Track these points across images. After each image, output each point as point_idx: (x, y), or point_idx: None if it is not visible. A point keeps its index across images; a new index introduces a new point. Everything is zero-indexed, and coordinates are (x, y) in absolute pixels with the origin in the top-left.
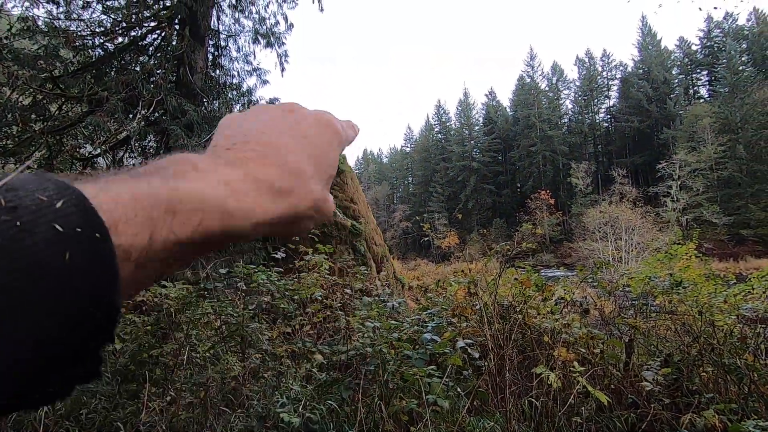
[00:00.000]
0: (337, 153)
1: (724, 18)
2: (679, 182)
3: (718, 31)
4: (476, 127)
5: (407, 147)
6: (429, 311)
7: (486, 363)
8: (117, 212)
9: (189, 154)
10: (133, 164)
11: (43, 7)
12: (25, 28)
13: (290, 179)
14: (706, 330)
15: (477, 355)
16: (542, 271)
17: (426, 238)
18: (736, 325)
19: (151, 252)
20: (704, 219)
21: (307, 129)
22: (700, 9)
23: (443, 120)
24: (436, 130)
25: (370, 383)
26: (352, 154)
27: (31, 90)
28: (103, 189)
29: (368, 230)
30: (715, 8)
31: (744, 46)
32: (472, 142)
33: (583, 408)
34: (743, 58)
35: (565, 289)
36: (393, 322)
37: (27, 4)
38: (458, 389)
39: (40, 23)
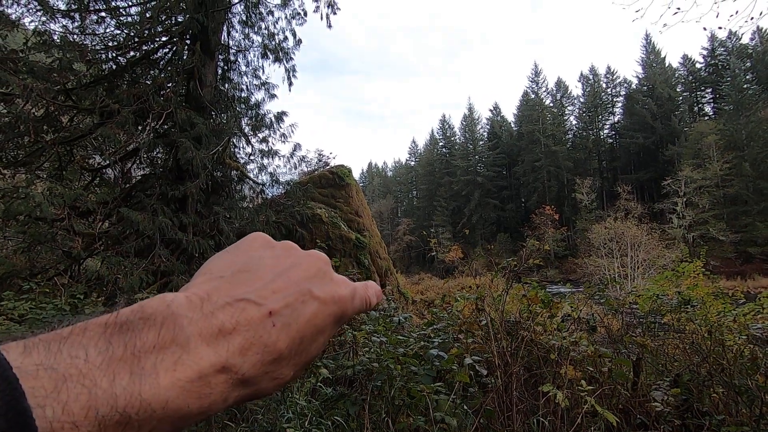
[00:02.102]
0: (331, 334)
1: (728, 37)
2: (684, 199)
3: (722, 49)
4: (481, 142)
5: (412, 161)
6: (434, 326)
7: (493, 380)
8: None
9: (177, 308)
10: (108, 311)
11: (59, 22)
12: (41, 41)
13: (264, 367)
14: (715, 350)
15: (485, 373)
16: (547, 286)
17: (432, 253)
18: (746, 345)
19: None
20: (711, 236)
21: (315, 307)
22: (704, 29)
23: (448, 134)
24: (440, 144)
25: (376, 399)
26: (357, 167)
27: (45, 102)
28: (53, 394)
29: (373, 243)
30: (720, 28)
31: (748, 64)
32: (477, 156)
33: (591, 428)
34: (748, 77)
35: (572, 306)
36: (399, 337)
37: (44, 18)
38: (465, 407)
39: (55, 37)
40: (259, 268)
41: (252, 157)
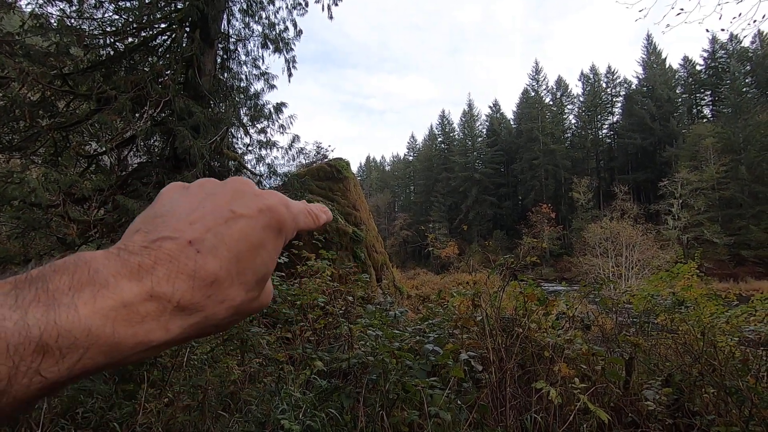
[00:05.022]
0: (276, 247)
1: (729, 40)
2: (680, 201)
3: (723, 52)
4: (479, 139)
5: (410, 156)
6: (430, 322)
7: (487, 376)
8: None
9: (91, 257)
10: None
11: (56, 5)
12: (38, 25)
13: (202, 292)
14: (707, 351)
15: (480, 368)
16: (542, 284)
17: (430, 248)
18: (738, 347)
19: (6, 397)
20: (705, 238)
21: (242, 223)
22: (707, 30)
23: (447, 130)
24: (439, 140)
25: (370, 392)
26: (355, 161)
27: (41, 86)
28: None
29: (369, 237)
30: (722, 30)
31: (748, 68)
32: (475, 153)
33: (584, 426)
34: (747, 80)
35: (567, 304)
36: (395, 331)
37: (41, 1)
38: (459, 402)
39: (52, 21)
40: (174, 210)
41: (250, 148)
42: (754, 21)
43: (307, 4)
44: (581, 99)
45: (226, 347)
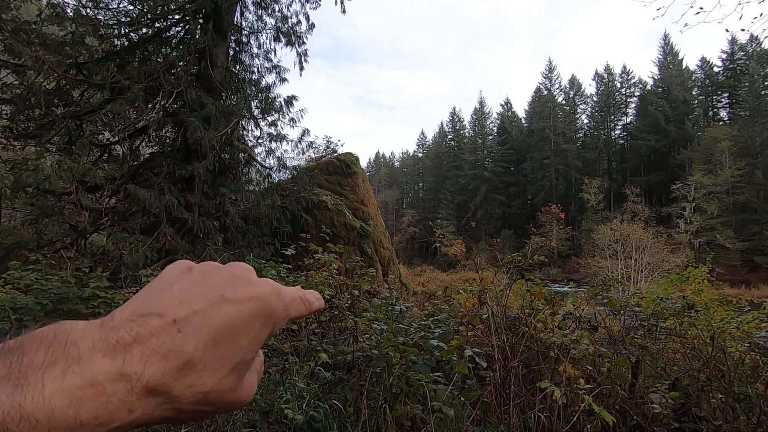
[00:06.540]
0: (260, 335)
1: (749, 41)
2: (693, 204)
3: (742, 53)
4: (490, 137)
5: (420, 152)
6: (435, 318)
7: (491, 374)
8: None
9: (71, 328)
10: None
11: None
12: (54, 14)
13: (172, 373)
14: (716, 356)
15: (485, 365)
16: (549, 285)
17: (438, 244)
18: (748, 353)
19: None
20: (717, 243)
21: (228, 309)
22: (727, 30)
23: (457, 127)
24: (449, 137)
25: (374, 386)
26: (364, 156)
27: (56, 75)
28: None
29: (377, 233)
30: (743, 30)
31: None
32: (485, 151)
33: (587, 426)
34: (766, 83)
35: (574, 305)
36: (400, 326)
37: None
38: (462, 398)
39: (68, 10)
40: (171, 287)
41: (260, 141)
42: None
43: None
44: (594, 99)
45: None
